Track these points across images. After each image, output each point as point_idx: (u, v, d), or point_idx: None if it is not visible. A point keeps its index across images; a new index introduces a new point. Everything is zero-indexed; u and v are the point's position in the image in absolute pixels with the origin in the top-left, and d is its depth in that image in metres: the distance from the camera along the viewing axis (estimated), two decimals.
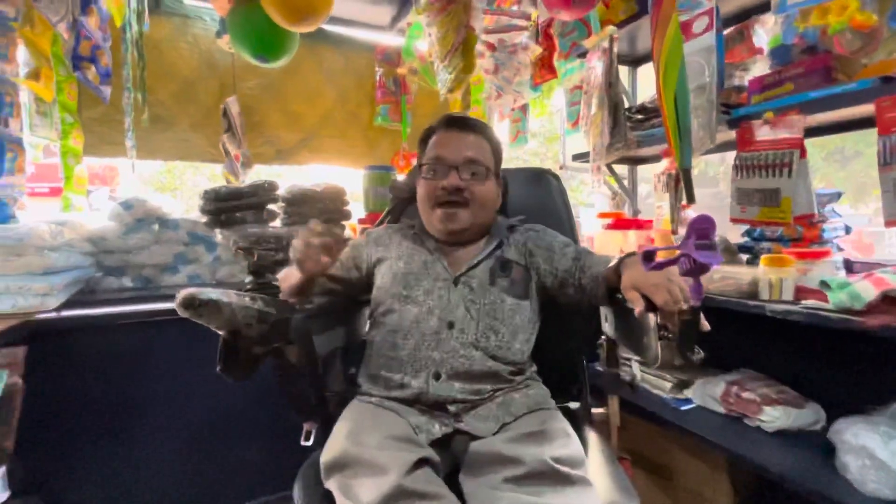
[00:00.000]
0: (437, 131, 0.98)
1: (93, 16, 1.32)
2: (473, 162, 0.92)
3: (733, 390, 1.40)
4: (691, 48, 1.24)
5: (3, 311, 1.09)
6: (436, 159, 0.93)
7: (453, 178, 0.91)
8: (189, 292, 0.61)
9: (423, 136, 1.02)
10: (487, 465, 0.69)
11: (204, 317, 0.64)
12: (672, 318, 0.69)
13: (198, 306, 0.62)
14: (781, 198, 1.09)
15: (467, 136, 0.95)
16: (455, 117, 1.00)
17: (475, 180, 0.92)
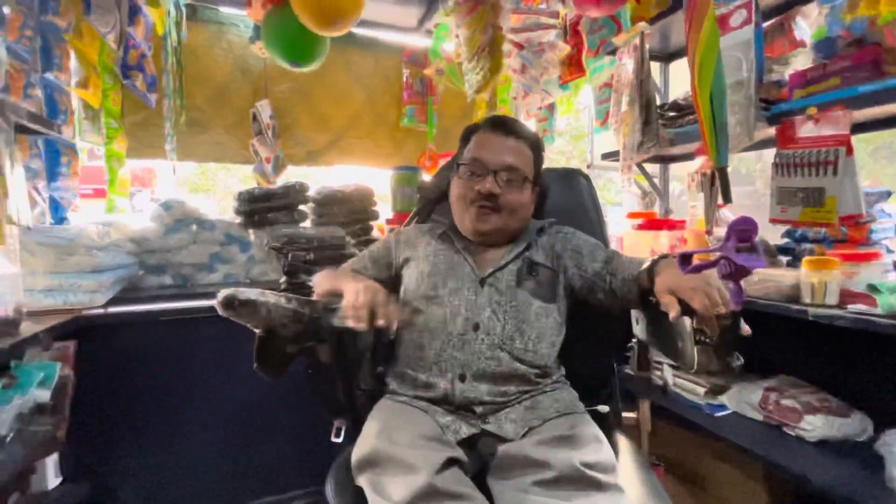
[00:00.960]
0: (481, 131, 0.98)
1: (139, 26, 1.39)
2: (512, 169, 0.91)
3: (772, 397, 1.35)
4: (728, 42, 1.21)
5: (55, 307, 1.16)
6: (474, 161, 0.93)
7: (489, 183, 0.90)
8: (229, 292, 0.64)
9: (465, 133, 1.02)
10: (516, 467, 0.69)
11: (242, 316, 0.66)
12: (710, 323, 0.67)
13: (237, 306, 0.64)
14: (826, 197, 1.04)
15: (510, 140, 0.94)
16: (500, 119, 0.99)
17: (510, 188, 0.91)
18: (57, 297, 1.15)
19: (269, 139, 2.07)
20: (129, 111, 1.90)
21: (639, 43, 1.51)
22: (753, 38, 1.16)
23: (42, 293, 1.14)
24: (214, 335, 1.37)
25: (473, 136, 0.98)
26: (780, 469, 1.16)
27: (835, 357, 1.35)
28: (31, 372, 0.87)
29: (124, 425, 1.29)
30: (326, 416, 0.99)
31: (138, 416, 1.30)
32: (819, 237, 1.30)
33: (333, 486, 0.75)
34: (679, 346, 0.80)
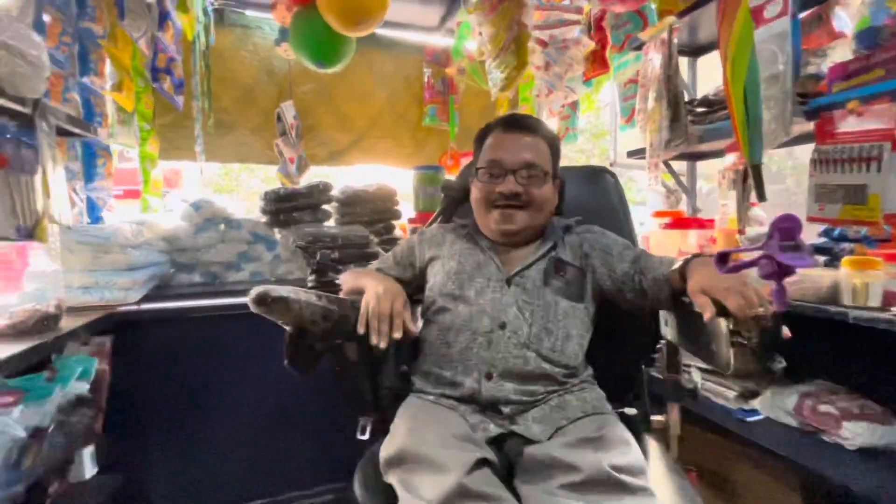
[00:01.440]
0: (494, 132, 0.97)
1: (168, 31, 1.43)
2: (531, 165, 0.91)
3: (808, 403, 1.30)
4: (763, 35, 1.16)
5: (92, 303, 1.20)
6: (492, 163, 0.92)
7: (510, 182, 0.89)
8: (262, 289, 0.65)
9: (478, 136, 1.01)
10: (543, 469, 0.68)
11: (274, 313, 0.67)
12: (747, 324, 0.65)
13: (269, 303, 0.65)
14: (868, 194, 1.00)
15: (525, 137, 0.93)
16: (513, 118, 0.98)
17: (532, 184, 0.90)
18: (94, 294, 1.19)
19: (293, 139, 2.11)
20: (158, 113, 1.96)
21: (667, 37, 1.48)
22: (790, 29, 1.12)
23: (80, 290, 1.18)
24: (243, 332, 1.40)
25: (488, 138, 0.97)
26: (818, 477, 1.12)
27: (875, 361, 1.29)
28: (71, 365, 0.90)
29: (156, 419, 1.33)
30: (352, 413, 1.00)
31: (170, 410, 1.34)
32: (859, 236, 1.24)
33: (361, 482, 0.76)
34: (713, 348, 0.77)
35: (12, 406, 0.76)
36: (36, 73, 0.85)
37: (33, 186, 0.80)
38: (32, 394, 0.79)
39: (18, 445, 0.74)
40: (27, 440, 0.76)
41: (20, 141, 0.75)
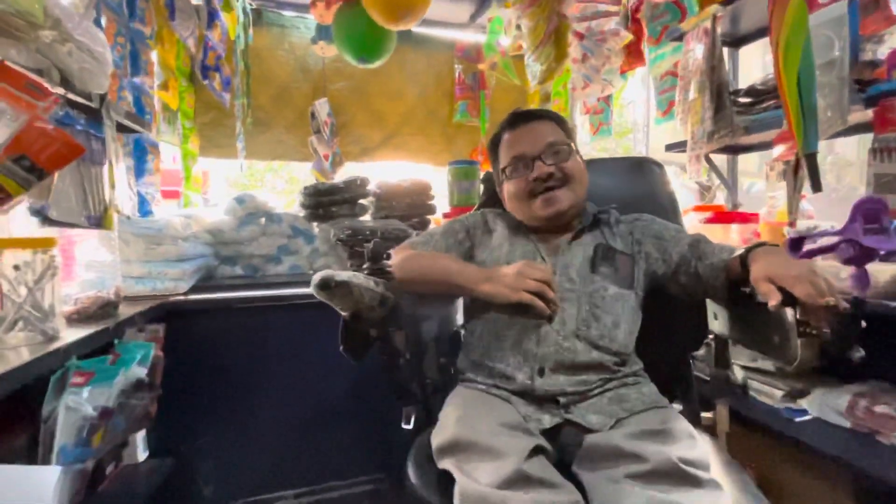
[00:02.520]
0: (505, 132, 0.99)
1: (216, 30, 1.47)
2: (552, 144, 0.91)
3: (862, 403, 1.24)
4: (817, 20, 1.12)
5: (144, 293, 1.25)
6: (516, 158, 0.93)
7: (540, 168, 0.90)
8: (326, 274, 0.66)
9: (491, 144, 1.03)
10: (606, 458, 0.67)
11: (336, 297, 0.68)
12: (816, 314, 0.63)
13: (333, 287, 0.66)
14: None
15: (535, 125, 0.95)
16: (518, 113, 1.00)
17: (561, 160, 0.91)
18: (147, 284, 1.24)
19: (327, 136, 2.14)
20: (199, 112, 2.03)
21: (710, 26, 1.44)
22: (847, 13, 1.08)
23: (134, 280, 1.23)
24: (286, 323, 1.43)
25: (501, 142, 0.99)
26: (874, 480, 1.07)
27: None
28: (132, 349, 0.94)
29: (203, 406, 1.37)
30: (398, 403, 1.01)
31: (215, 398, 1.38)
32: None
33: (415, 469, 0.76)
34: (775, 339, 0.75)
35: (82, 386, 0.79)
36: (101, 70, 0.89)
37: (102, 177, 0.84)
38: (99, 375, 0.82)
39: (89, 423, 0.78)
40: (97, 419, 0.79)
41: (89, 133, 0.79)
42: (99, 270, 1.15)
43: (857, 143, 2.58)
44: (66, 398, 0.75)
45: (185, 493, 1.35)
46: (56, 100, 0.67)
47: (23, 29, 0.62)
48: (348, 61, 2.17)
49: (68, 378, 0.78)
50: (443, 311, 1.15)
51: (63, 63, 0.77)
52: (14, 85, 0.61)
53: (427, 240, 1.02)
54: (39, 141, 0.63)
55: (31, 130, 0.62)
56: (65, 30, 0.71)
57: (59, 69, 0.77)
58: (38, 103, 0.63)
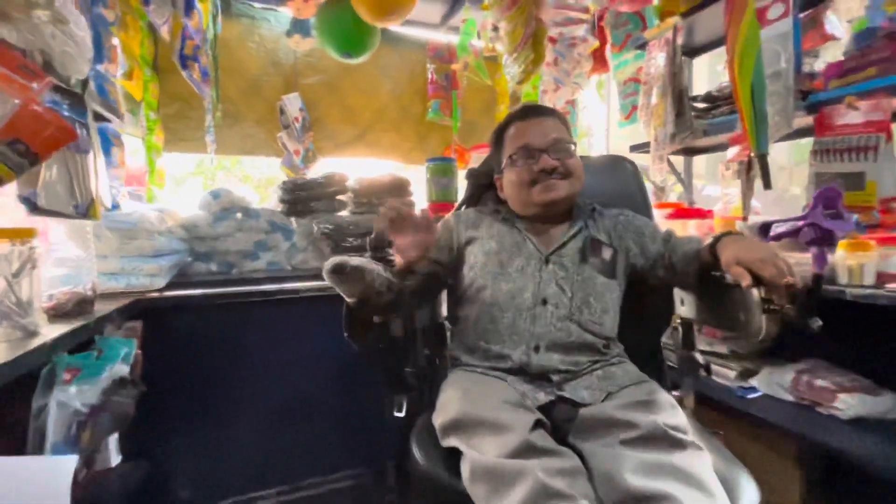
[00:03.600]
0: (515, 122, 1.03)
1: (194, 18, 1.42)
2: (559, 141, 0.97)
3: (804, 379, 1.39)
4: (767, 34, 1.25)
5: (118, 290, 1.19)
6: (524, 148, 0.98)
7: (545, 160, 0.95)
8: (339, 259, 0.67)
9: (497, 131, 1.07)
10: (601, 428, 0.73)
11: (348, 281, 0.70)
12: (780, 292, 0.71)
13: (348, 272, 0.68)
14: (866, 181, 1.09)
15: (546, 120, 1.00)
16: (528, 106, 1.06)
17: (565, 156, 0.96)
18: (120, 281, 1.18)
19: (297, 132, 2.10)
20: (162, 103, 1.94)
21: (671, 36, 1.56)
22: (791, 30, 1.21)
23: (106, 276, 1.17)
24: (264, 320, 1.41)
25: (509, 130, 1.03)
26: (817, 445, 1.21)
27: (862, 339, 1.40)
28: (115, 346, 0.90)
29: (179, 406, 1.32)
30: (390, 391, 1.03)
31: (193, 397, 1.34)
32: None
33: (420, 449, 0.79)
34: (741, 317, 0.84)
35: (68, 383, 0.76)
36: (82, 55, 0.85)
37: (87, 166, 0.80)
38: (86, 371, 0.79)
39: (77, 420, 0.75)
40: (86, 415, 0.76)
41: (75, 120, 0.76)
42: (70, 266, 1.09)
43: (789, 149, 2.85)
44: (56, 394, 0.72)
45: (161, 497, 1.30)
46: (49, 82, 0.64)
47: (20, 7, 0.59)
48: (321, 56, 2.15)
49: (57, 374, 0.74)
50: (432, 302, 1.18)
51: (46, 45, 0.74)
52: (8, 66, 0.58)
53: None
54: (34, 124, 0.60)
55: (25, 113, 0.59)
56: (57, 10, 0.68)
57: (42, 51, 0.74)
58: (32, 85, 0.60)
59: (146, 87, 1.75)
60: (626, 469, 0.64)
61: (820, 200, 0.62)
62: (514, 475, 0.62)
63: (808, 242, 0.64)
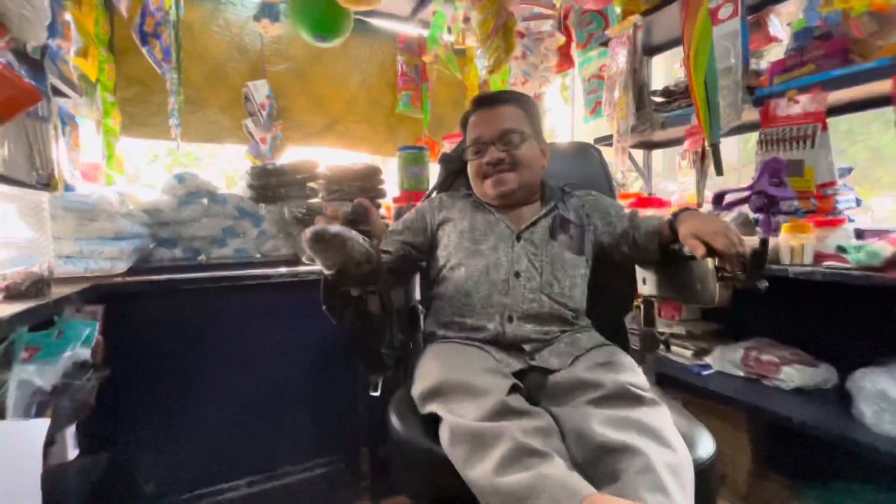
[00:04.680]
0: (471, 114, 1.08)
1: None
2: (507, 132, 1.00)
3: (752, 354, 1.51)
4: (718, 33, 1.34)
5: (76, 274, 1.14)
6: (475, 140, 1.03)
7: (492, 153, 0.99)
8: (320, 227, 0.67)
9: (462, 120, 1.11)
10: (570, 390, 0.77)
11: (329, 249, 0.70)
12: (731, 260, 0.78)
13: (328, 239, 0.68)
14: (805, 168, 1.20)
15: (499, 109, 1.03)
16: (482, 96, 1.09)
17: (512, 147, 1.00)
18: (78, 264, 1.13)
19: (263, 120, 2.06)
20: (120, 86, 1.85)
21: (632, 34, 1.64)
22: (740, 29, 1.30)
23: (62, 259, 1.11)
24: (234, 306, 1.37)
25: (468, 122, 1.08)
26: (764, 413, 1.31)
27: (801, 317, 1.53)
28: (76, 327, 0.86)
29: (143, 395, 1.26)
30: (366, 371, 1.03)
31: (158, 387, 1.28)
32: (792, 209, 1.46)
33: (398, 418, 0.80)
34: (698, 287, 0.91)
35: (27, 362, 0.72)
36: (39, 20, 0.81)
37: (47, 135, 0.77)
38: (45, 350, 0.75)
39: (39, 399, 0.71)
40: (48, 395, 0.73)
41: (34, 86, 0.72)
42: (21, 249, 1.03)
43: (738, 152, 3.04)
44: (16, 371, 0.68)
45: (123, 491, 1.25)
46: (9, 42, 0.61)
47: None
48: (289, 43, 2.12)
49: (15, 351, 0.71)
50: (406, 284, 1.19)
51: (3, 6, 0.70)
52: None
53: (395, 224, 1.10)
54: None
55: None
56: None
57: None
58: None
59: (102, 67, 1.66)
60: (594, 425, 0.68)
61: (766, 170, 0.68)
62: (493, 436, 0.65)
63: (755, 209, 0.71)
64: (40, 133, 0.75)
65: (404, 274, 1.10)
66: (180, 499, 1.31)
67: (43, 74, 0.76)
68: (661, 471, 0.59)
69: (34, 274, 0.90)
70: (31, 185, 0.75)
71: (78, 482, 1.10)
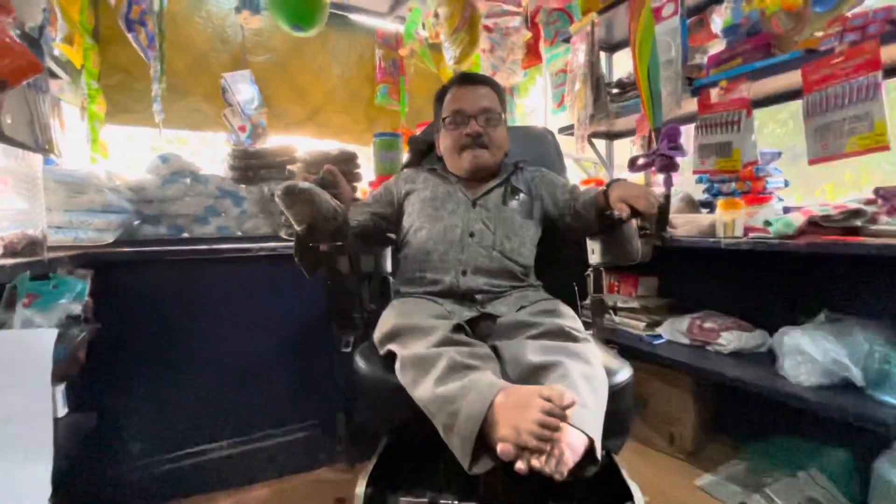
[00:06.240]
0: (452, 88, 1.18)
1: None
2: (488, 110, 1.12)
3: (696, 323, 1.66)
4: (661, 29, 1.48)
5: (65, 243, 1.21)
6: (456, 112, 1.13)
7: (473, 125, 1.10)
8: (290, 182, 0.77)
9: (438, 95, 1.22)
10: (513, 329, 0.89)
11: (298, 204, 0.79)
12: (650, 218, 0.91)
13: (297, 193, 0.78)
14: (733, 149, 1.34)
15: (479, 88, 1.15)
16: (467, 74, 1.21)
17: (491, 126, 1.12)
18: (68, 234, 1.21)
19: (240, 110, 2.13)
20: (104, 74, 1.92)
21: (590, 30, 1.78)
22: (679, 26, 1.45)
23: (53, 229, 1.19)
24: (218, 278, 1.46)
25: (447, 95, 1.18)
26: (705, 372, 1.46)
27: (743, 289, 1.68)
28: (70, 282, 0.95)
29: (130, 360, 1.34)
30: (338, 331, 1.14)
31: (145, 352, 1.36)
32: (731, 191, 1.62)
33: (361, 359, 0.91)
34: (628, 247, 1.04)
35: (27, 307, 0.81)
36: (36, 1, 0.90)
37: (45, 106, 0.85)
38: (44, 299, 0.84)
39: None
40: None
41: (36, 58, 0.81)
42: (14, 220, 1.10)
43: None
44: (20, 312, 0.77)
45: (110, 449, 1.33)
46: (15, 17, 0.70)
47: None
48: (270, 35, 2.20)
49: (18, 295, 0.79)
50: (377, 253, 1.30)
51: None
52: None
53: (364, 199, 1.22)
54: (4, 52, 0.66)
55: None
56: None
57: None
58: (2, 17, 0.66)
59: (87, 55, 1.74)
60: (528, 353, 0.80)
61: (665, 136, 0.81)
62: (435, 358, 0.76)
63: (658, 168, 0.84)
64: (40, 103, 0.84)
65: (374, 241, 1.21)
66: (165, 457, 1.40)
67: (41, 50, 0.85)
68: (575, 377, 0.71)
69: (30, 235, 0.99)
70: (33, 147, 0.84)
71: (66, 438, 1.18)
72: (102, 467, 1.31)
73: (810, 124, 1.16)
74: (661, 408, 1.76)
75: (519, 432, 0.61)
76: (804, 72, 1.16)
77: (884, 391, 1.14)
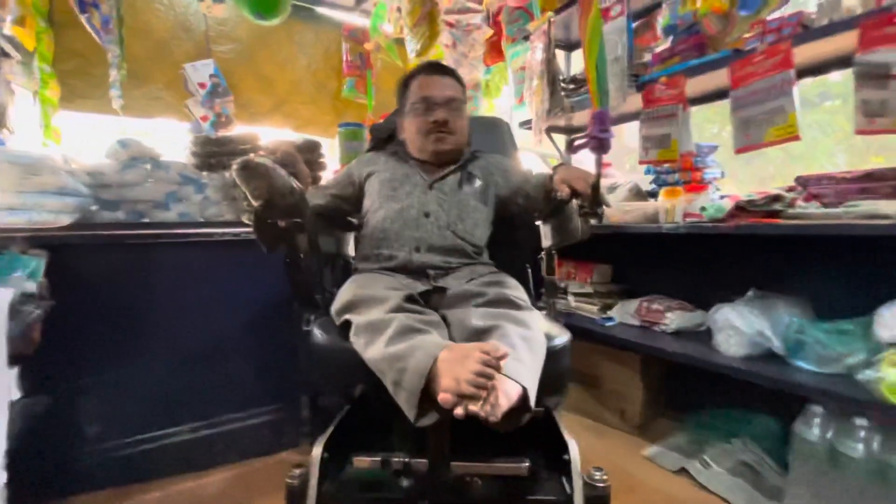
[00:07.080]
0: (419, 76, 1.23)
1: None
2: (453, 99, 1.18)
3: (644, 305, 1.77)
4: (609, 28, 1.58)
5: (19, 225, 1.20)
6: (423, 99, 1.18)
7: (440, 113, 1.16)
8: (246, 157, 0.80)
9: (403, 82, 1.27)
10: (461, 299, 0.95)
11: (255, 178, 0.83)
12: (587, 197, 0.99)
13: (253, 167, 0.81)
14: (671, 140, 1.45)
15: (445, 78, 1.21)
16: (434, 64, 1.27)
17: (456, 115, 1.18)
18: (21, 216, 1.19)
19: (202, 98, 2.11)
20: (59, 58, 1.87)
21: (547, 28, 1.87)
22: (626, 26, 1.55)
23: (6, 211, 1.17)
24: (179, 262, 1.46)
25: (413, 82, 1.23)
26: (650, 349, 1.56)
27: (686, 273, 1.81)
28: (21, 260, 0.95)
29: (86, 344, 1.33)
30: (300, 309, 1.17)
31: (101, 335, 1.35)
32: (674, 181, 1.74)
33: (319, 330, 0.95)
34: (571, 227, 1.12)
35: None
36: None
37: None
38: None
39: None
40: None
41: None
42: None
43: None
44: None
45: (64, 432, 1.31)
46: None
47: None
48: (234, 25, 2.20)
49: None
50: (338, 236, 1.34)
51: None
52: None
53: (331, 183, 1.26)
54: None
55: None
56: None
57: None
58: None
59: (40, 38, 1.70)
60: (473, 317, 0.86)
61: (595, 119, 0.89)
62: (387, 322, 0.81)
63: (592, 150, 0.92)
64: None
65: (334, 222, 1.25)
66: (123, 442, 1.39)
67: None
68: (514, 337, 0.78)
69: None
70: None
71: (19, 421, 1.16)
72: (59, 452, 1.30)
73: (736, 117, 1.28)
74: (613, 386, 1.87)
75: (458, 382, 0.67)
76: (731, 69, 1.28)
77: (799, 357, 1.27)
